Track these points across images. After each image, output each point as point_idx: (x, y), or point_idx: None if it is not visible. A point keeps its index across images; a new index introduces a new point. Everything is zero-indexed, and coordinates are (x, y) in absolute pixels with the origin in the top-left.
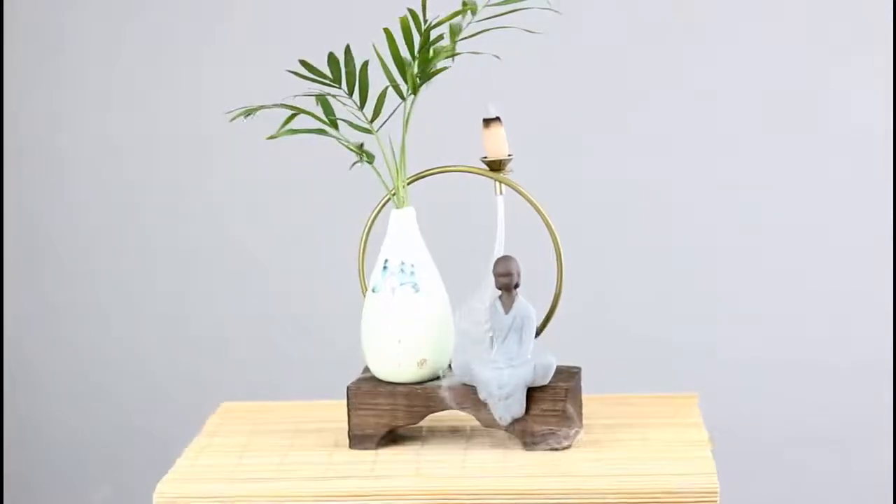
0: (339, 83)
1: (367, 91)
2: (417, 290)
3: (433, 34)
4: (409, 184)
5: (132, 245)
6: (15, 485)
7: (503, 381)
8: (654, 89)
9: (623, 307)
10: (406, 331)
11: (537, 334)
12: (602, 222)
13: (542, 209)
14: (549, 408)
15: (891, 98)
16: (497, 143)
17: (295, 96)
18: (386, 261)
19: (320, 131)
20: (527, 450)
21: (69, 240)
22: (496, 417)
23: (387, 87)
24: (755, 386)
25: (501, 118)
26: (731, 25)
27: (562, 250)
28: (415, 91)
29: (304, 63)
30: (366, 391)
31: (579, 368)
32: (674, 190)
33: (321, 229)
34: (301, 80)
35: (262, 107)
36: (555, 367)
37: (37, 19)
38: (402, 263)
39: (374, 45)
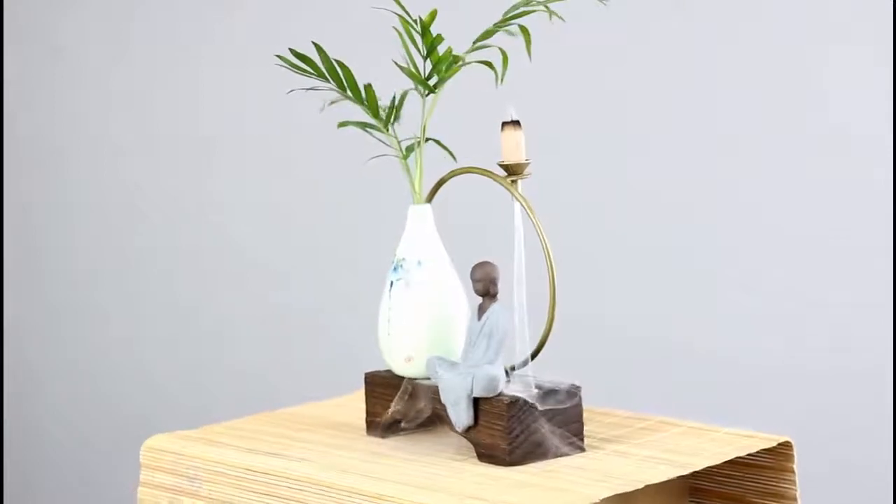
0: (324, 77)
1: (356, 86)
2: (409, 287)
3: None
4: (434, 193)
5: (132, 245)
6: (15, 485)
7: (452, 386)
8: (653, 89)
9: (622, 309)
10: (395, 326)
11: (537, 351)
12: (601, 223)
13: (537, 219)
14: (494, 422)
15: (891, 98)
16: (512, 147)
17: (291, 91)
18: (394, 256)
19: (369, 126)
20: (480, 461)
21: (69, 240)
22: (452, 422)
23: (368, 85)
24: (756, 388)
25: (520, 122)
26: (731, 25)
27: (554, 269)
28: (431, 90)
29: (280, 56)
30: (375, 380)
31: (576, 387)
32: (673, 190)
33: (322, 228)
34: (293, 76)
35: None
36: (498, 381)
37: (37, 19)
38: (404, 259)
39: (403, 48)
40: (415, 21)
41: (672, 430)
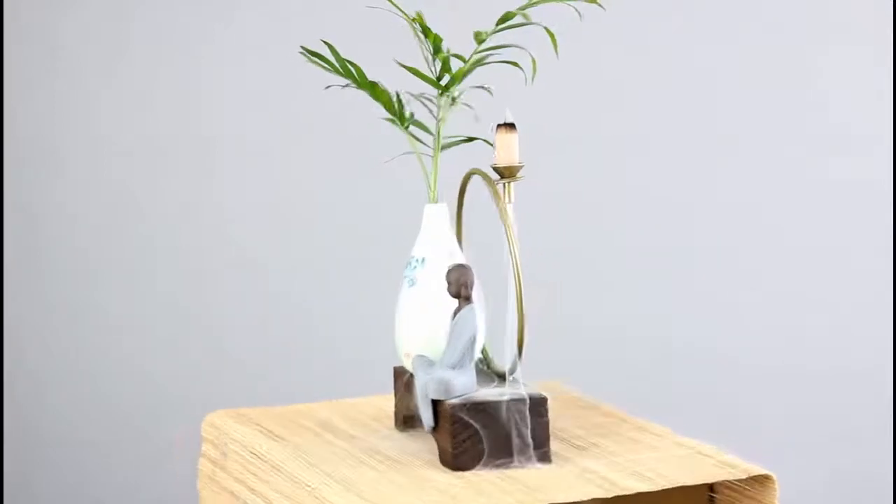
0: (339, 73)
1: (368, 84)
2: (412, 285)
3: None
4: (462, 196)
5: (132, 245)
6: (15, 485)
7: (419, 386)
8: (654, 89)
9: (622, 309)
10: (400, 322)
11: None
12: (601, 223)
13: (509, 222)
14: (445, 425)
15: (891, 98)
16: (506, 150)
17: (328, 87)
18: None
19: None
20: (441, 464)
21: (69, 240)
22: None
23: (373, 82)
24: (755, 389)
25: (515, 125)
26: (731, 25)
27: (521, 275)
28: (443, 90)
29: (304, 53)
30: (398, 375)
31: (543, 398)
32: (673, 190)
33: (323, 228)
34: (296, 76)
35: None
36: (449, 384)
37: (37, 19)
38: (413, 257)
39: (421, 49)
40: (413, 21)
41: (663, 449)
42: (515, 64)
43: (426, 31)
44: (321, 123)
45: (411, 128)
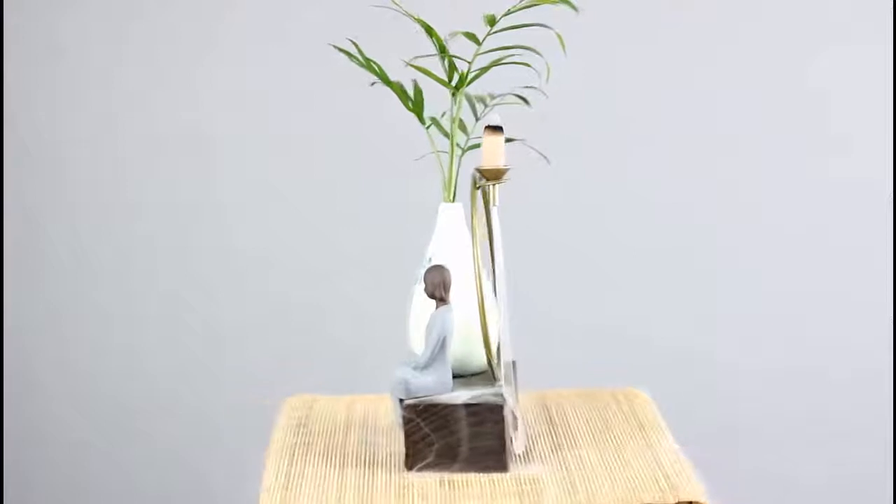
0: (370, 70)
1: (386, 79)
2: (419, 283)
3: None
4: (484, 197)
5: (132, 245)
6: (15, 485)
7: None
8: (654, 89)
9: (622, 310)
10: (409, 320)
11: (496, 357)
12: (601, 224)
13: (476, 224)
14: (403, 425)
15: (891, 99)
16: (492, 153)
17: (373, 83)
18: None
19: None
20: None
21: (69, 240)
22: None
23: (391, 81)
24: (755, 389)
25: (503, 128)
26: (731, 25)
27: (483, 280)
28: (454, 90)
29: (338, 48)
30: None
31: (498, 405)
32: (674, 190)
33: (322, 228)
34: (297, 75)
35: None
36: (406, 383)
37: (37, 19)
38: (423, 256)
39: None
40: (417, 21)
41: (635, 466)
42: (528, 65)
43: (429, 31)
44: (321, 123)
45: (436, 128)
